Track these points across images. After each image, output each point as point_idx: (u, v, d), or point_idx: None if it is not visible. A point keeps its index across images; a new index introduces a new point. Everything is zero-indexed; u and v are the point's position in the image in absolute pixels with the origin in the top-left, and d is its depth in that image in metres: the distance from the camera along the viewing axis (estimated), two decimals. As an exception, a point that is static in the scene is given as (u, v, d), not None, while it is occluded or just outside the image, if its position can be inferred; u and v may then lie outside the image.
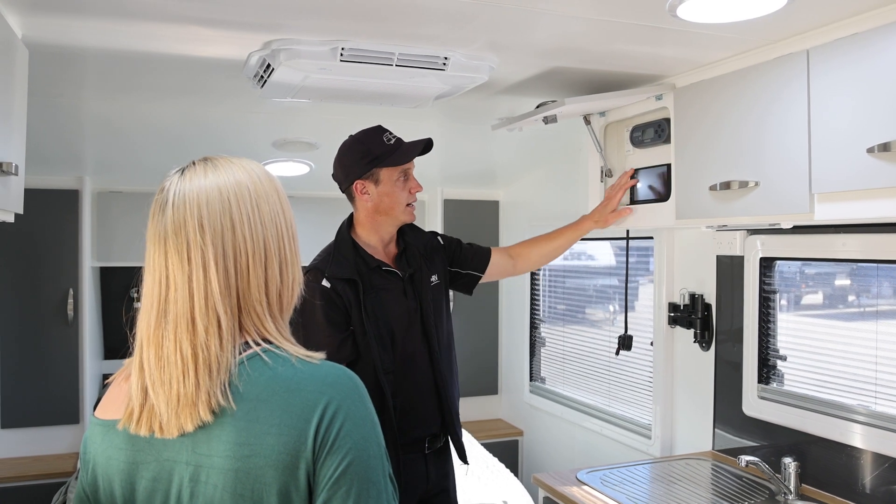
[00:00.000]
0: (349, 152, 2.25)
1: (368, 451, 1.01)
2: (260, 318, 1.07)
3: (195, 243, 1.04)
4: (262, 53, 2.07)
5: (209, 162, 1.11)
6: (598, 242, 3.76)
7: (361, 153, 2.22)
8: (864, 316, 2.36)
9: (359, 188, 2.23)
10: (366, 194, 2.23)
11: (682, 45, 2.09)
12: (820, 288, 2.58)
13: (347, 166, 2.24)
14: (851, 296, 2.45)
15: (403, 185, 2.26)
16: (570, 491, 2.45)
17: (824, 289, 2.57)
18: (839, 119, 1.82)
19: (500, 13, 1.82)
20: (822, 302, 2.56)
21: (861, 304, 2.39)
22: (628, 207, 2.65)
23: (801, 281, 2.62)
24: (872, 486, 2.22)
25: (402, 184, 2.26)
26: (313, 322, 2.15)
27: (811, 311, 2.58)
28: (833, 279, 2.53)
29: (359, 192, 2.24)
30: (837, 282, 2.52)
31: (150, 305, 1.06)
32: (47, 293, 3.82)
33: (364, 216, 2.28)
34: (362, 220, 2.28)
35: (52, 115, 2.87)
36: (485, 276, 2.55)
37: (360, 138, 2.25)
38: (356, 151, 2.23)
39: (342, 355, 2.15)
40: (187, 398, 1.00)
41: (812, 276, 2.59)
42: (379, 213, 2.25)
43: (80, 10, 1.78)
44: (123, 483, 1.06)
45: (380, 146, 2.21)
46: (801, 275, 2.62)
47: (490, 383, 4.71)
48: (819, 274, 2.57)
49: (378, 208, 2.25)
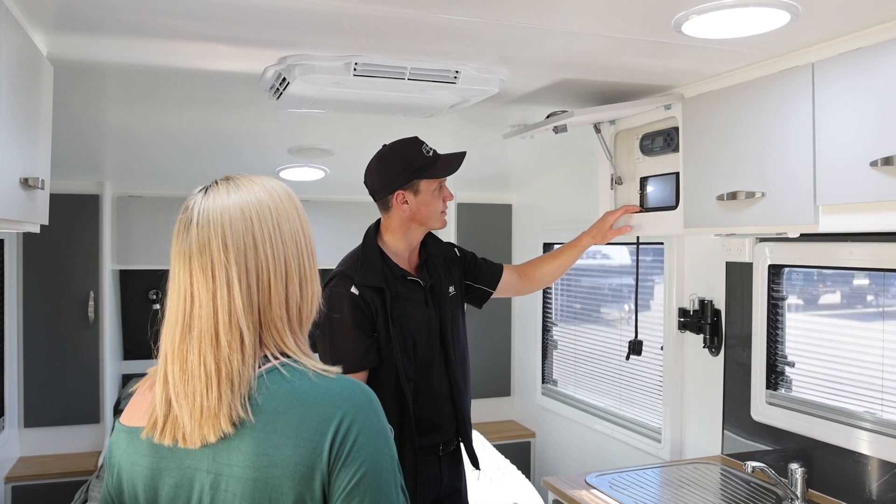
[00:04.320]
0: (389, 163, 2.27)
1: (381, 464, 1.05)
2: (280, 333, 1.11)
3: (219, 262, 1.08)
4: (278, 68, 2.13)
5: (231, 181, 1.15)
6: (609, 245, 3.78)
7: (403, 165, 2.25)
8: (871, 323, 2.38)
9: (399, 198, 2.26)
10: (405, 204, 2.27)
11: (688, 59, 2.12)
12: (827, 295, 2.60)
13: (387, 176, 2.26)
14: (858, 303, 2.48)
15: (439, 195, 2.32)
16: (579, 494, 2.49)
17: (832, 296, 2.59)
18: (843, 132, 1.85)
19: (510, 30, 1.86)
20: (830, 309, 2.58)
21: (868, 312, 2.42)
22: (627, 226, 2.70)
23: (809, 288, 2.65)
24: (879, 493, 2.25)
25: (437, 194, 2.31)
26: (342, 328, 2.19)
27: (819, 317, 2.60)
28: (840, 287, 2.55)
29: (398, 202, 2.27)
30: (845, 289, 2.54)
31: (175, 321, 1.10)
32: (69, 296, 3.90)
33: (397, 224, 2.31)
34: (395, 227, 2.31)
35: (73, 124, 2.94)
36: (495, 293, 2.60)
37: (400, 150, 2.28)
38: (397, 163, 2.26)
39: (368, 360, 2.20)
40: (210, 410, 1.04)
41: (820, 284, 2.62)
42: (414, 221, 2.30)
43: (102, 29, 1.85)
44: (147, 488, 1.11)
45: (421, 158, 2.25)
46: (809, 282, 2.64)
47: (503, 385, 4.75)
48: (827, 282, 2.59)
49: (414, 217, 2.29)
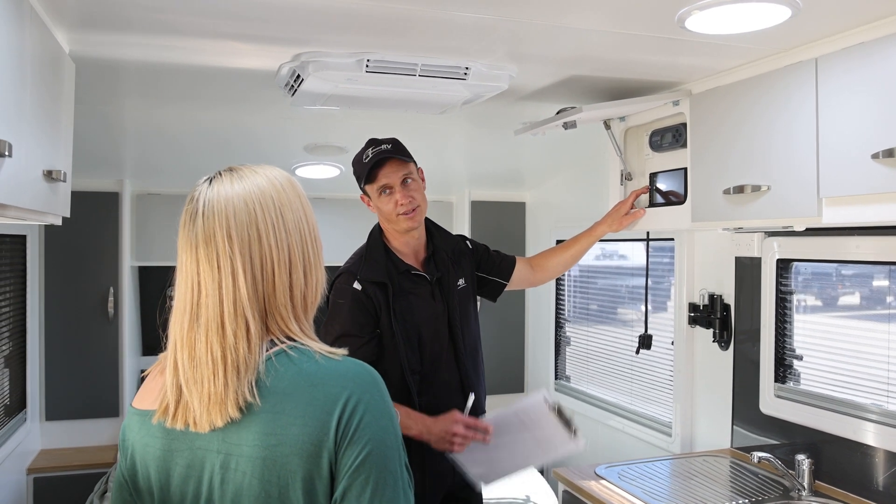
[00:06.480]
0: (353, 168, 2.38)
1: (386, 442, 1.09)
2: (284, 320, 1.14)
3: (224, 253, 1.11)
4: (292, 65, 2.18)
5: (235, 172, 1.18)
6: (631, 243, 3.80)
7: (355, 171, 2.36)
8: (877, 316, 2.40)
9: (366, 201, 2.38)
10: (371, 206, 2.37)
11: (695, 54, 2.16)
12: (836, 288, 2.62)
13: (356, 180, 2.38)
14: (866, 296, 2.50)
15: (389, 198, 2.30)
16: (588, 485, 2.53)
17: (840, 289, 2.61)
18: (845, 125, 1.88)
19: (518, 27, 1.91)
20: (838, 302, 2.60)
21: (875, 305, 2.44)
22: (641, 209, 2.73)
23: (817, 282, 2.67)
24: (886, 484, 2.27)
25: (386, 198, 2.30)
26: (340, 323, 2.24)
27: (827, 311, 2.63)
28: (848, 280, 2.58)
29: (367, 203, 2.38)
30: (853, 282, 2.56)
31: (184, 309, 1.13)
32: (89, 292, 3.98)
33: (381, 223, 2.40)
34: (383, 226, 2.40)
35: (94, 122, 3.01)
36: (509, 285, 2.64)
37: (356, 155, 2.36)
38: (354, 168, 2.37)
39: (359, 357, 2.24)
40: (217, 396, 1.08)
41: (828, 277, 2.64)
42: (386, 221, 2.36)
43: (123, 28, 1.91)
44: (159, 469, 1.14)
45: (359, 165, 2.32)
46: (818, 276, 2.67)
47: (516, 381, 4.78)
48: (835, 275, 2.62)
49: (381, 218, 2.38)
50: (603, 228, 2.74)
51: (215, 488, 1.10)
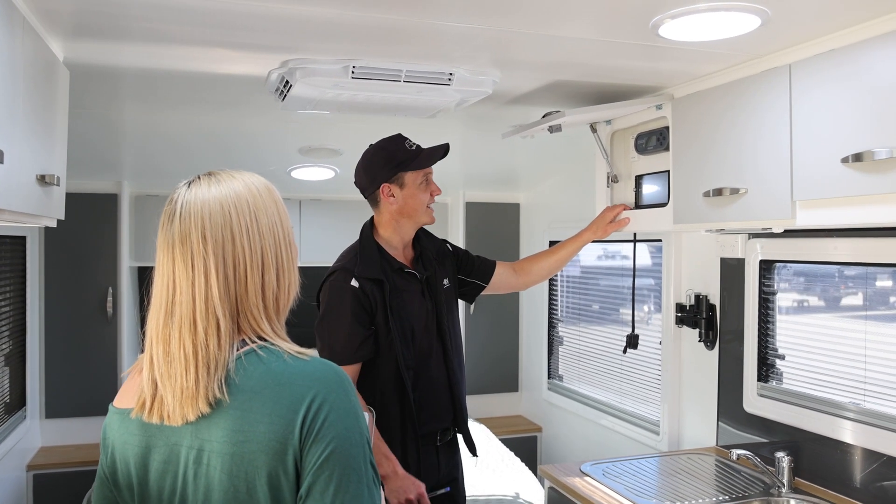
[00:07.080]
0: (374, 158, 2.39)
1: (350, 440, 1.12)
2: (256, 321, 1.18)
3: (198, 253, 1.16)
4: (281, 71, 2.24)
5: (213, 176, 1.23)
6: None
7: (386, 158, 2.36)
8: (855, 316, 2.45)
9: (385, 192, 2.37)
10: (391, 197, 2.37)
11: (673, 60, 2.21)
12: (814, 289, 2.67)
13: (373, 171, 2.38)
14: (843, 296, 2.55)
15: (425, 188, 2.41)
16: (572, 482, 2.58)
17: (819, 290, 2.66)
18: (817, 130, 1.93)
19: (499, 35, 1.96)
20: (817, 303, 2.65)
21: (851, 305, 2.49)
22: (626, 218, 2.78)
23: (797, 282, 2.72)
24: (863, 481, 2.32)
25: (423, 187, 2.40)
26: (340, 322, 2.29)
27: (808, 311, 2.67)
28: (826, 281, 2.62)
29: (385, 195, 2.37)
30: (831, 283, 2.61)
31: (159, 306, 1.18)
32: (88, 291, 4.05)
33: (388, 218, 2.41)
34: (385, 221, 2.42)
35: (93, 125, 3.07)
36: (489, 288, 2.69)
37: (384, 145, 2.40)
38: (381, 157, 2.37)
39: (361, 354, 2.30)
40: (189, 391, 1.11)
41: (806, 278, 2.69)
42: (402, 215, 2.40)
43: (116, 36, 1.97)
44: (138, 465, 1.18)
45: (403, 152, 2.36)
46: (798, 276, 2.71)
47: (511, 381, 4.84)
48: (813, 275, 2.66)
49: (402, 211, 2.39)
50: (588, 235, 2.79)
51: (189, 482, 1.15)
